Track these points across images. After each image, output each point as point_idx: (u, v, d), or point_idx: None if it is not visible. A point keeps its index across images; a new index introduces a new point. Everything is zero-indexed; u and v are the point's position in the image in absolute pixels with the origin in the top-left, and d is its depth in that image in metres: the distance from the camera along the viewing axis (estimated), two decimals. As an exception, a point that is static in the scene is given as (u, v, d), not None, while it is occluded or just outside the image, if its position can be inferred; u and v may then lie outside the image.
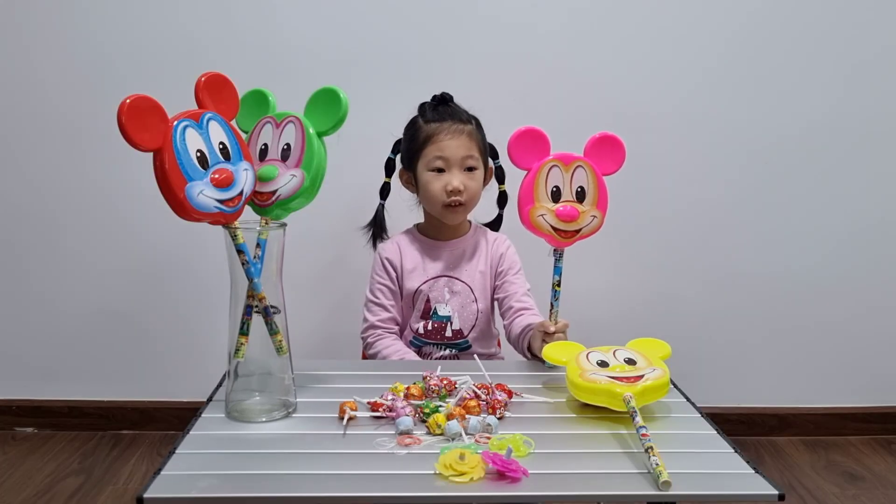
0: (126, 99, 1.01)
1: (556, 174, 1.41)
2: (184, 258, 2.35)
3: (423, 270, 1.75)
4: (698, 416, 1.23)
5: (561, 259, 1.45)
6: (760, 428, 2.53)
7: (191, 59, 2.21)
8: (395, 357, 1.68)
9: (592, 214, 1.43)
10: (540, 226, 1.42)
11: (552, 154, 1.41)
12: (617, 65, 2.29)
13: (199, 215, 1.09)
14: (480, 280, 1.76)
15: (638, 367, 1.24)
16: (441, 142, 1.68)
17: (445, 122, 1.70)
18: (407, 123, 1.78)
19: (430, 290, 1.74)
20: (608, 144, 1.43)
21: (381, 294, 1.75)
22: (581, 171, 1.41)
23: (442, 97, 1.76)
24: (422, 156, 1.71)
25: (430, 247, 1.78)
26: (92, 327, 2.42)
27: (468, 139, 1.69)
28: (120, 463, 2.27)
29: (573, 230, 1.43)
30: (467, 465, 0.97)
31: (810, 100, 2.34)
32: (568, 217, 1.41)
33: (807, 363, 2.51)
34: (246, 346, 1.17)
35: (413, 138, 1.73)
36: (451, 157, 1.68)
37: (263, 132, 1.25)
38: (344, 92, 1.20)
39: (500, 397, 1.21)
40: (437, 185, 1.69)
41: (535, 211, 1.41)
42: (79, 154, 2.30)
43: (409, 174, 1.77)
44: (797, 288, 2.45)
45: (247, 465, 1.03)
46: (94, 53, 2.24)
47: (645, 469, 1.01)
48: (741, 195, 2.39)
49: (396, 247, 1.78)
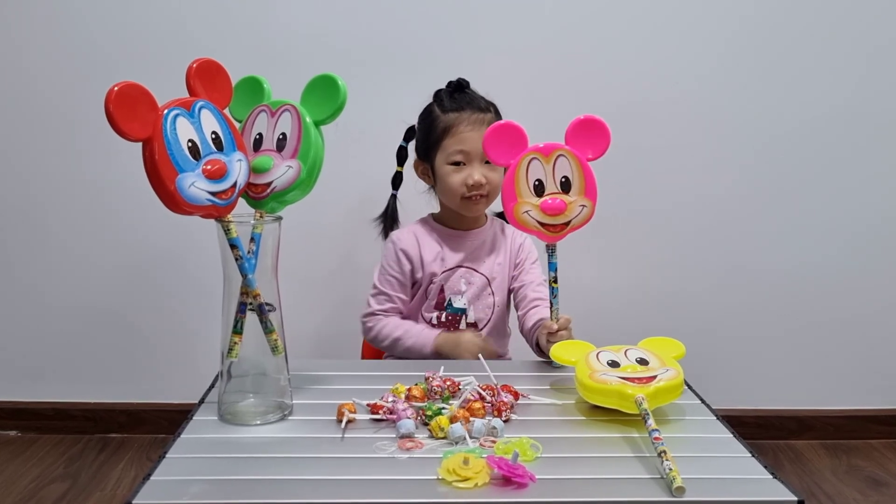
0: (114, 86, 1.01)
1: (537, 167, 1.40)
2: (175, 253, 2.35)
3: (441, 260, 1.75)
4: (713, 419, 1.23)
5: (554, 254, 1.44)
6: (778, 431, 2.53)
7: (182, 44, 2.21)
8: (398, 332, 1.69)
9: (581, 204, 1.41)
10: (526, 222, 1.41)
11: (529, 146, 1.40)
12: (623, 52, 2.29)
13: (190, 208, 1.09)
14: (499, 272, 1.77)
15: (650, 367, 1.23)
16: (461, 133, 1.68)
17: (464, 111, 1.69)
18: (422, 111, 1.77)
19: (445, 281, 1.74)
20: (589, 128, 1.40)
21: (390, 285, 1.75)
22: (563, 160, 1.39)
23: (458, 83, 1.75)
24: (440, 148, 1.70)
25: (450, 236, 1.78)
26: (78, 325, 2.42)
27: None
28: (107, 468, 2.28)
29: (562, 223, 1.41)
30: (471, 470, 0.97)
31: (825, 86, 2.34)
32: (554, 210, 1.40)
33: (827, 363, 2.51)
34: (240, 345, 1.17)
35: (430, 129, 1.72)
36: (471, 151, 1.67)
37: (258, 121, 1.25)
38: (342, 79, 1.20)
39: (506, 399, 1.21)
40: (457, 179, 1.68)
41: (520, 207, 1.40)
42: (65, 144, 2.30)
43: (426, 165, 1.77)
44: (816, 283, 2.45)
45: (240, 469, 1.03)
46: (80, 38, 2.24)
47: (657, 474, 1.01)
48: (755, 186, 2.39)
49: (413, 237, 1.77)
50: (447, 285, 1.74)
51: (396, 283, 1.75)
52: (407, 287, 1.76)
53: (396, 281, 1.75)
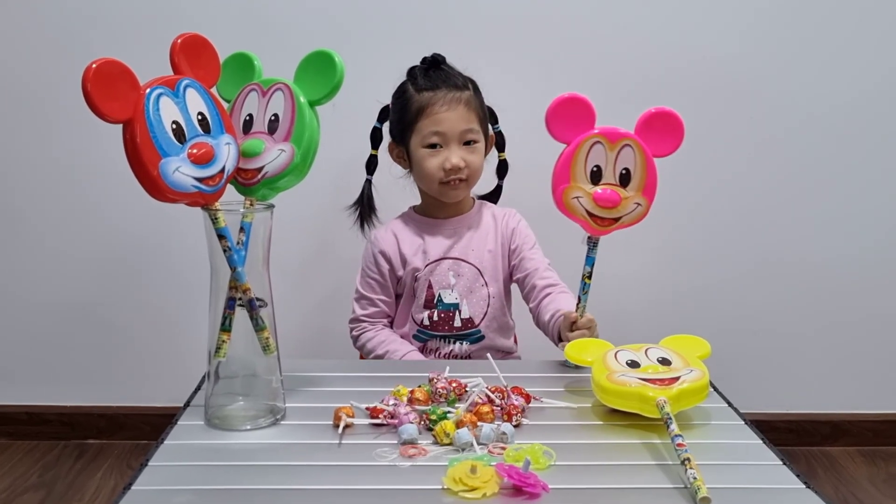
0: (92, 63, 1.01)
1: (599, 152, 1.38)
2: (158, 244, 2.35)
3: (423, 253, 1.76)
4: (742, 424, 1.23)
5: (595, 248, 1.44)
6: (812, 437, 2.53)
7: (166, 17, 2.21)
8: (381, 349, 1.72)
9: (637, 202, 1.40)
10: (574, 209, 1.40)
11: (597, 128, 1.38)
12: (649, 21, 2.28)
13: (174, 195, 1.09)
14: (490, 260, 1.77)
15: (673, 367, 1.23)
16: (436, 114, 1.68)
17: (440, 89, 1.69)
18: (395, 91, 1.77)
19: (431, 275, 1.74)
20: (664, 122, 1.39)
21: (370, 288, 1.78)
22: (628, 151, 1.38)
23: (433, 59, 1.75)
24: (415, 130, 1.70)
25: (431, 226, 1.78)
26: (53, 322, 2.43)
27: (466, 109, 1.69)
28: (85, 476, 2.28)
29: (612, 217, 1.41)
30: (479, 480, 0.98)
31: (868, 59, 2.32)
32: (608, 202, 1.39)
33: (864, 363, 2.51)
34: (228, 343, 1.17)
35: (404, 109, 1.73)
36: (448, 132, 1.68)
37: (248, 101, 1.25)
38: (339, 55, 1.20)
39: (517, 402, 1.21)
40: (434, 163, 1.69)
41: (570, 192, 1.39)
42: (38, 126, 2.30)
43: (401, 149, 1.77)
44: (853, 276, 2.45)
45: (229, 478, 1.03)
46: (53, 9, 2.23)
47: (681, 483, 1.01)
48: (787, 170, 2.38)
49: (391, 235, 1.78)
50: (434, 279, 1.75)
51: (378, 286, 1.78)
52: (389, 289, 1.78)
53: (377, 283, 1.77)
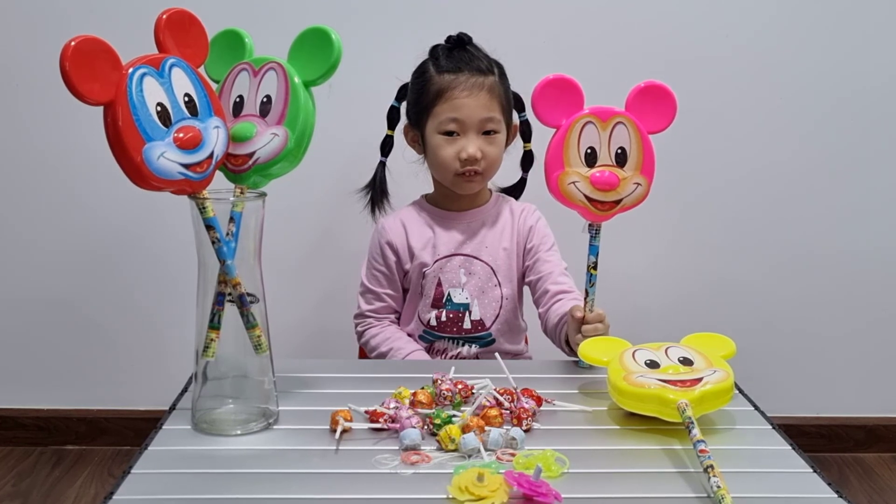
0: (70, 41, 1.01)
1: (592, 132, 1.39)
2: (140, 235, 2.36)
3: (433, 247, 1.75)
4: (769, 428, 1.23)
5: (597, 236, 1.44)
6: (844, 442, 2.53)
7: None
8: (384, 347, 1.71)
9: (636, 182, 1.41)
10: (571, 195, 1.41)
11: (586, 108, 1.39)
12: (668, 2, 2.28)
13: (159, 183, 1.09)
14: (505, 259, 1.76)
15: (695, 368, 1.24)
16: (456, 99, 1.67)
17: (462, 73, 1.68)
18: (415, 69, 1.76)
19: (440, 272, 1.74)
20: (654, 96, 1.40)
21: (376, 282, 1.78)
22: (622, 129, 1.39)
23: (459, 38, 1.74)
24: (432, 114, 1.70)
25: (442, 218, 1.78)
26: (28, 321, 2.43)
27: (488, 96, 1.68)
28: (64, 484, 2.29)
29: (612, 200, 1.41)
30: (487, 488, 0.98)
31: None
32: (606, 185, 1.39)
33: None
34: (217, 342, 1.17)
35: (422, 91, 1.72)
36: (466, 120, 1.67)
37: (238, 82, 1.25)
38: (336, 33, 1.20)
39: (527, 405, 1.21)
40: (449, 152, 1.68)
41: (566, 177, 1.40)
42: (11, 108, 2.30)
43: (416, 132, 1.76)
44: (889, 272, 2.45)
45: (218, 487, 1.03)
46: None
47: (703, 492, 1.01)
48: (819, 157, 2.38)
49: (400, 225, 1.78)
50: (443, 277, 1.75)
51: (384, 279, 1.77)
52: (396, 282, 1.78)
53: (384, 276, 1.77)
